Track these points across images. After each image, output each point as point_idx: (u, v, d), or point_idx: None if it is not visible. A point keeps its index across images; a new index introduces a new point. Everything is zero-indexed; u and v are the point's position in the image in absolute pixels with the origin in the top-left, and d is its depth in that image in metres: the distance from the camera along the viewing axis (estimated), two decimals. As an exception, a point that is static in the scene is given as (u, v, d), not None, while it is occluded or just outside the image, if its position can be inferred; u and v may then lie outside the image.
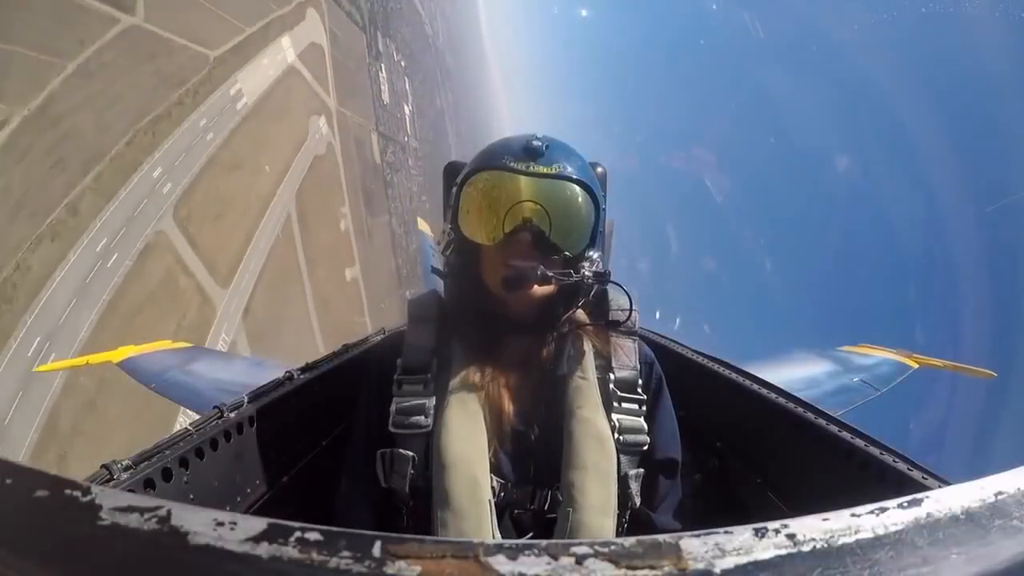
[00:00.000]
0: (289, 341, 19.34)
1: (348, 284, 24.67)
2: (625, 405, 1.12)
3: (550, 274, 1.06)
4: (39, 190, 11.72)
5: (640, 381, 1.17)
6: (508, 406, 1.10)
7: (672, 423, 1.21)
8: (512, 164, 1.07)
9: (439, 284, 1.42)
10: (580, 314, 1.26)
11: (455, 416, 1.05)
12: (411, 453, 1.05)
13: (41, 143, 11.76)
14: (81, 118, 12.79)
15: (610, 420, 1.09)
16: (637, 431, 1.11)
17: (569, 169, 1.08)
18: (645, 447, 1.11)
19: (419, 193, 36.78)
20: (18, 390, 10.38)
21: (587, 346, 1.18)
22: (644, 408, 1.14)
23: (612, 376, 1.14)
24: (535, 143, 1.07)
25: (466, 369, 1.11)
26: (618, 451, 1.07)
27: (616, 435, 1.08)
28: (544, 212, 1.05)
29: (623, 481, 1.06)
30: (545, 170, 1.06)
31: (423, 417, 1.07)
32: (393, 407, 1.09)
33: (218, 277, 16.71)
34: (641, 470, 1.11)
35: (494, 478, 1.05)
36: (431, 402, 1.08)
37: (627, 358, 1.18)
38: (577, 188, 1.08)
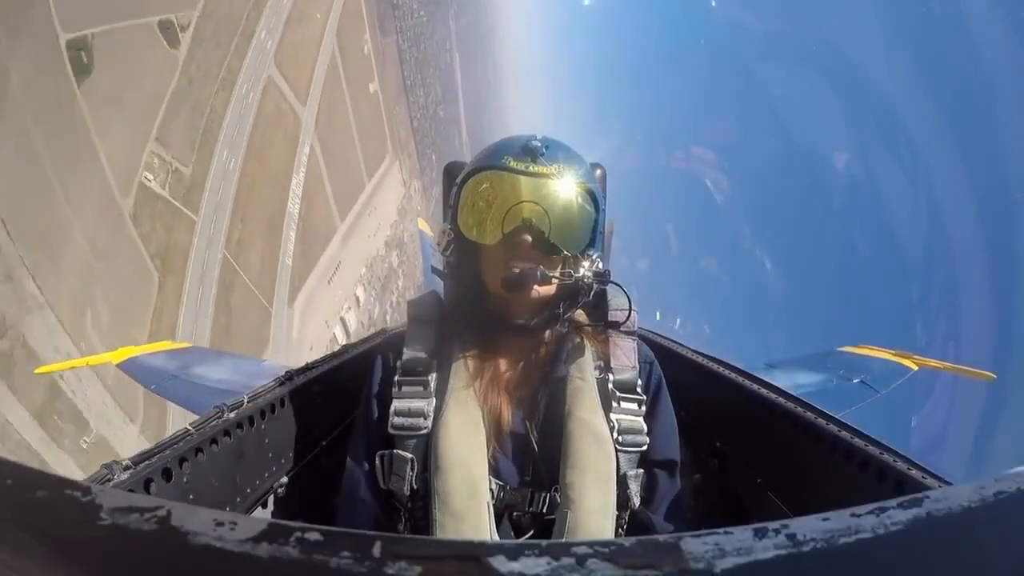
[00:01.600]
0: (340, 140, 30.52)
1: (371, 95, 35.10)
2: (624, 405, 1.12)
3: (551, 275, 1.06)
4: (212, 60, 19.82)
5: (639, 381, 1.16)
6: (507, 408, 1.10)
7: (671, 424, 1.21)
8: (512, 164, 1.07)
9: (440, 285, 1.42)
10: (579, 314, 1.25)
11: (454, 418, 1.05)
12: (410, 455, 1.05)
13: (208, 31, 19.50)
14: (221, 9, 20.49)
15: (609, 421, 1.09)
16: (636, 431, 1.10)
17: (569, 169, 1.08)
18: (644, 447, 1.11)
19: (418, 9, 46.59)
20: (220, 182, 19.84)
21: (586, 347, 1.18)
22: (643, 408, 1.14)
23: (611, 376, 1.14)
24: (535, 143, 1.07)
25: (465, 371, 1.11)
26: (617, 451, 1.07)
27: (615, 435, 1.08)
28: (544, 212, 1.06)
29: (622, 482, 1.06)
30: (545, 170, 1.06)
31: (422, 419, 1.07)
32: (393, 409, 1.09)
33: (300, 100, 26.14)
34: (640, 470, 1.11)
35: (493, 480, 1.04)
36: (431, 404, 1.08)
37: (626, 358, 1.18)
38: (577, 188, 1.09)
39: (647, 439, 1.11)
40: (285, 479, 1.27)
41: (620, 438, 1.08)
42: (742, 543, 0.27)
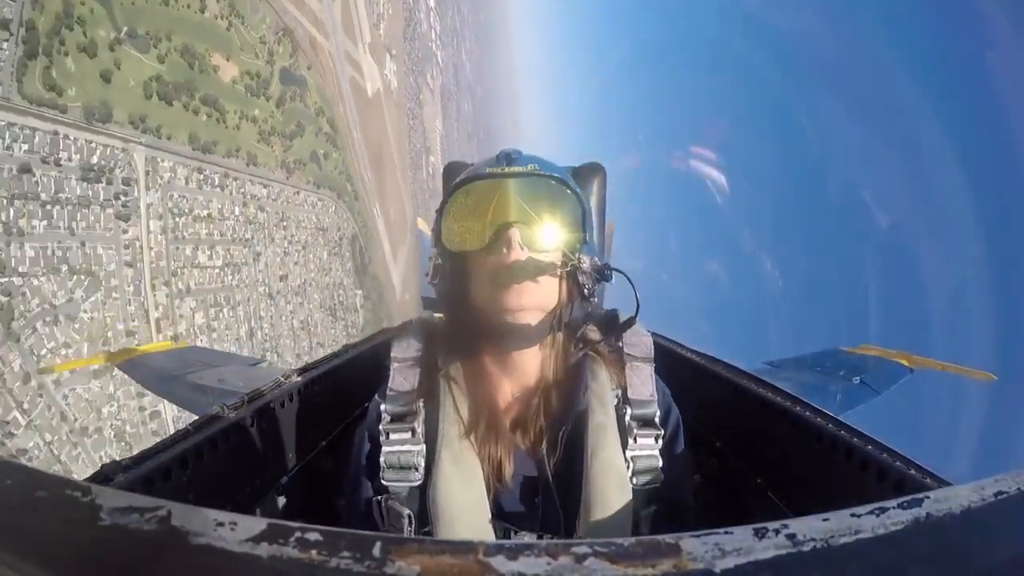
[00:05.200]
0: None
1: None
2: (641, 441, 1.03)
3: (542, 261, 1.01)
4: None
5: (659, 413, 1.07)
6: (508, 456, 1.03)
7: (684, 465, 1.13)
8: (488, 171, 1.06)
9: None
10: (591, 331, 1.16)
11: (449, 469, 0.99)
12: (407, 511, 0.99)
13: None
14: None
15: (625, 458, 1.01)
16: (652, 470, 1.02)
17: (546, 168, 1.07)
18: (657, 485, 1.03)
19: None
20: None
21: (603, 374, 1.09)
22: (660, 443, 1.05)
23: (629, 410, 1.05)
24: (508, 149, 1.09)
25: (457, 416, 1.04)
26: (632, 491, 1.00)
27: (630, 474, 1.00)
28: (525, 208, 1.03)
29: (635, 522, 1.00)
30: (520, 169, 1.06)
31: (414, 471, 1.00)
32: (383, 460, 1.01)
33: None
34: (652, 508, 1.04)
35: (497, 526, 0.99)
36: (421, 452, 1.01)
37: (644, 387, 1.08)
38: (554, 183, 1.07)
39: (661, 476, 1.03)
40: (285, 479, 1.27)
41: (635, 478, 1.01)
42: (742, 543, 0.27)
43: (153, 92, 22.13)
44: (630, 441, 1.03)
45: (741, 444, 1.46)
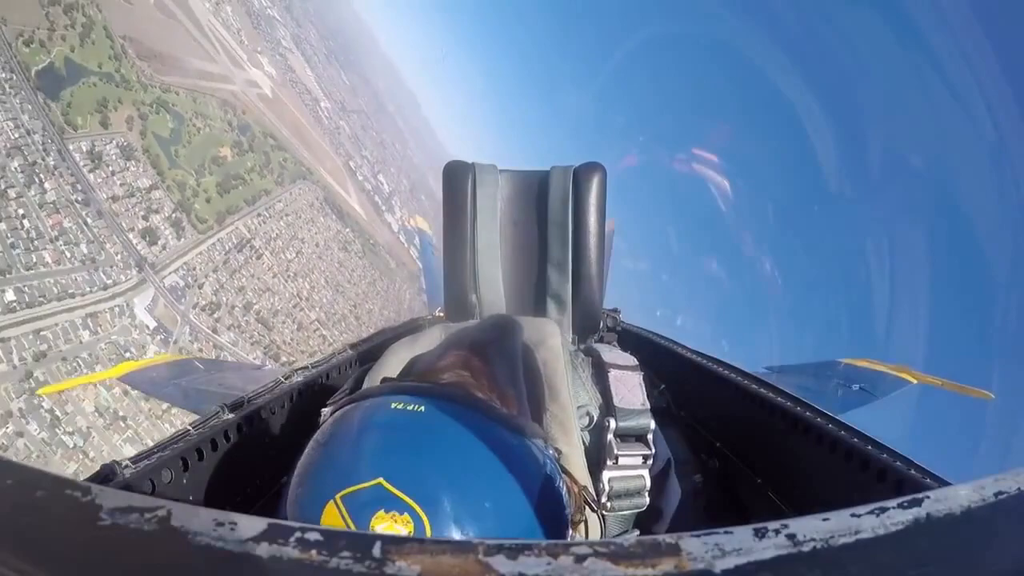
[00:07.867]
0: None
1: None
2: (624, 460, 0.92)
3: None
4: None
5: (652, 427, 0.94)
6: None
7: (679, 501, 1.02)
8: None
9: (438, 288, 1.42)
10: (553, 344, 1.01)
11: None
12: None
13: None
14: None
15: (598, 483, 0.90)
16: (635, 493, 0.92)
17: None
18: (643, 508, 0.93)
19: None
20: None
21: (563, 393, 0.94)
22: (649, 462, 0.94)
23: (612, 423, 0.93)
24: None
25: None
26: (603, 517, 0.88)
27: (604, 499, 0.90)
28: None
29: None
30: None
31: None
32: None
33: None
34: (636, 532, 0.94)
35: None
36: None
37: (632, 396, 0.97)
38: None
39: (647, 500, 0.92)
40: (286, 479, 1.27)
41: (611, 503, 0.90)
42: (742, 543, 0.27)
43: (222, 192, 42.15)
44: (608, 462, 0.91)
45: (741, 444, 1.46)
